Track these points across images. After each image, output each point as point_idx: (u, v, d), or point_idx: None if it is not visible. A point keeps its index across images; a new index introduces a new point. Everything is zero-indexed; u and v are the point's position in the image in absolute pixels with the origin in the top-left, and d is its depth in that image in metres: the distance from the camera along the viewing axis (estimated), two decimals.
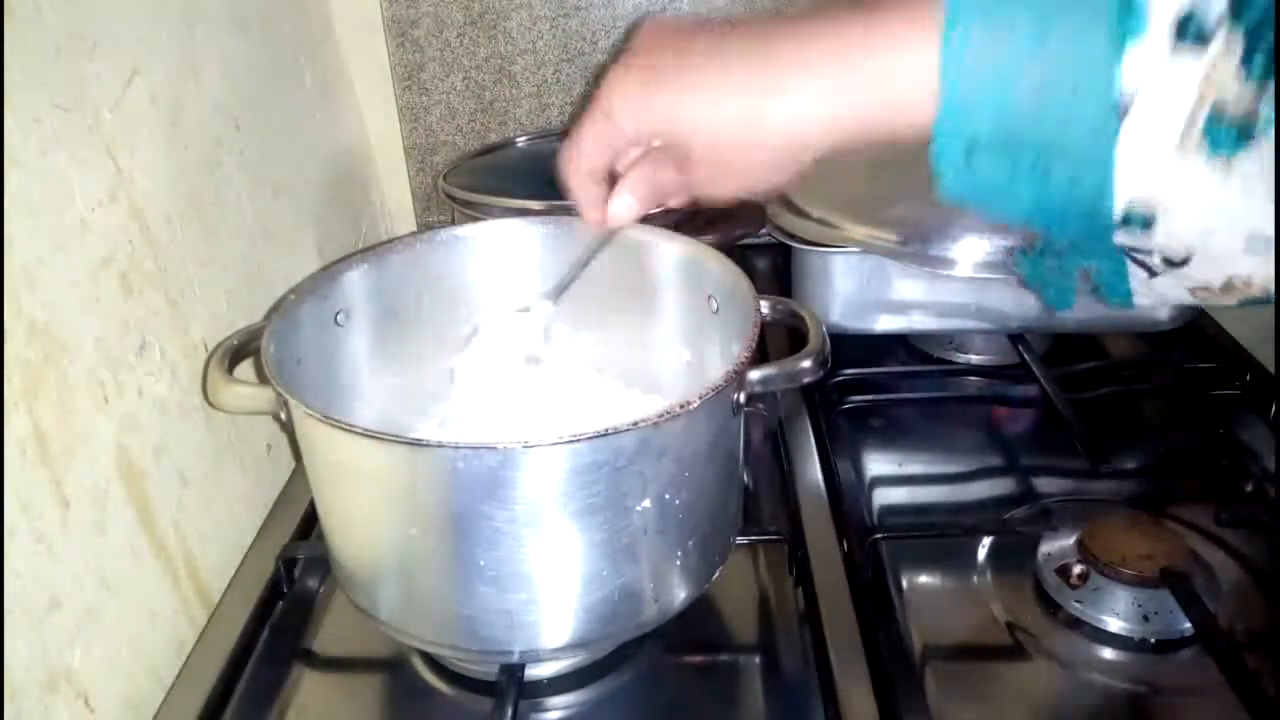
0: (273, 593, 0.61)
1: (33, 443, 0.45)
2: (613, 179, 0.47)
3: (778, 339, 0.77)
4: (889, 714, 0.51)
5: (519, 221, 0.66)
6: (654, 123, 0.41)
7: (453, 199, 0.84)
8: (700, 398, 0.46)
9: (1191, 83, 0.30)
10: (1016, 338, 0.80)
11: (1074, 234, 0.35)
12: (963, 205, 0.35)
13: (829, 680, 0.52)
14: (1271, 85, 0.29)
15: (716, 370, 0.49)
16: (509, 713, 0.49)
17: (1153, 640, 0.56)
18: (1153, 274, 0.35)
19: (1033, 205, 0.34)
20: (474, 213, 0.82)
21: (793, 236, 0.76)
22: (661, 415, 0.45)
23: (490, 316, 0.62)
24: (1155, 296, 0.36)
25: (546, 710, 0.54)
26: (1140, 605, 0.57)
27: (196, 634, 0.58)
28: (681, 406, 0.45)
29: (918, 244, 0.72)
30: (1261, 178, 0.30)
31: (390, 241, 0.62)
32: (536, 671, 0.54)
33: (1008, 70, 0.32)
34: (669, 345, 0.64)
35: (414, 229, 1.05)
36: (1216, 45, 0.29)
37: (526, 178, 0.88)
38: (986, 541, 0.64)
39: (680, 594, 0.52)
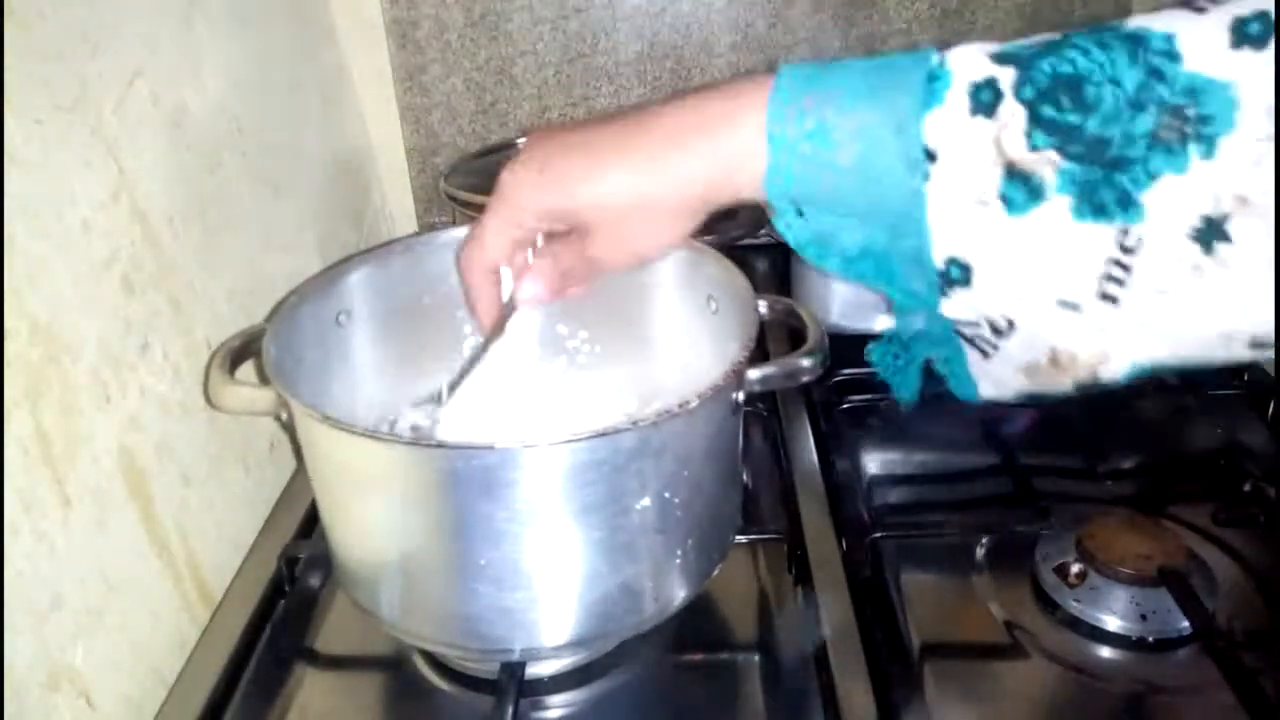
0: (275, 591, 0.61)
1: (35, 442, 0.46)
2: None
3: (778, 339, 0.78)
4: (888, 712, 0.51)
5: None
6: (553, 203, 0.43)
7: (454, 200, 0.84)
8: (699, 397, 0.46)
9: (986, 145, 0.33)
10: None
11: (905, 289, 0.38)
12: (802, 252, 0.39)
13: (828, 679, 0.52)
14: (1054, 154, 0.32)
15: (716, 370, 0.49)
16: (510, 711, 0.50)
17: (1151, 639, 0.56)
18: (985, 355, 0.38)
19: (859, 253, 0.38)
20: (475, 213, 0.81)
21: None
22: (660, 415, 0.45)
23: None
24: (996, 384, 0.39)
25: (547, 709, 0.54)
26: (1138, 604, 0.57)
27: (198, 632, 0.58)
28: (680, 406, 0.45)
29: None
30: (1057, 239, 0.33)
31: (391, 243, 0.63)
32: (537, 670, 0.55)
33: (824, 135, 0.36)
34: (669, 346, 0.64)
35: (415, 230, 1.06)
36: (1004, 113, 0.33)
37: None
38: (985, 540, 0.64)
39: (680, 592, 0.52)
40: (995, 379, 0.39)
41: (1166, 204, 0.32)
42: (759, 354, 0.51)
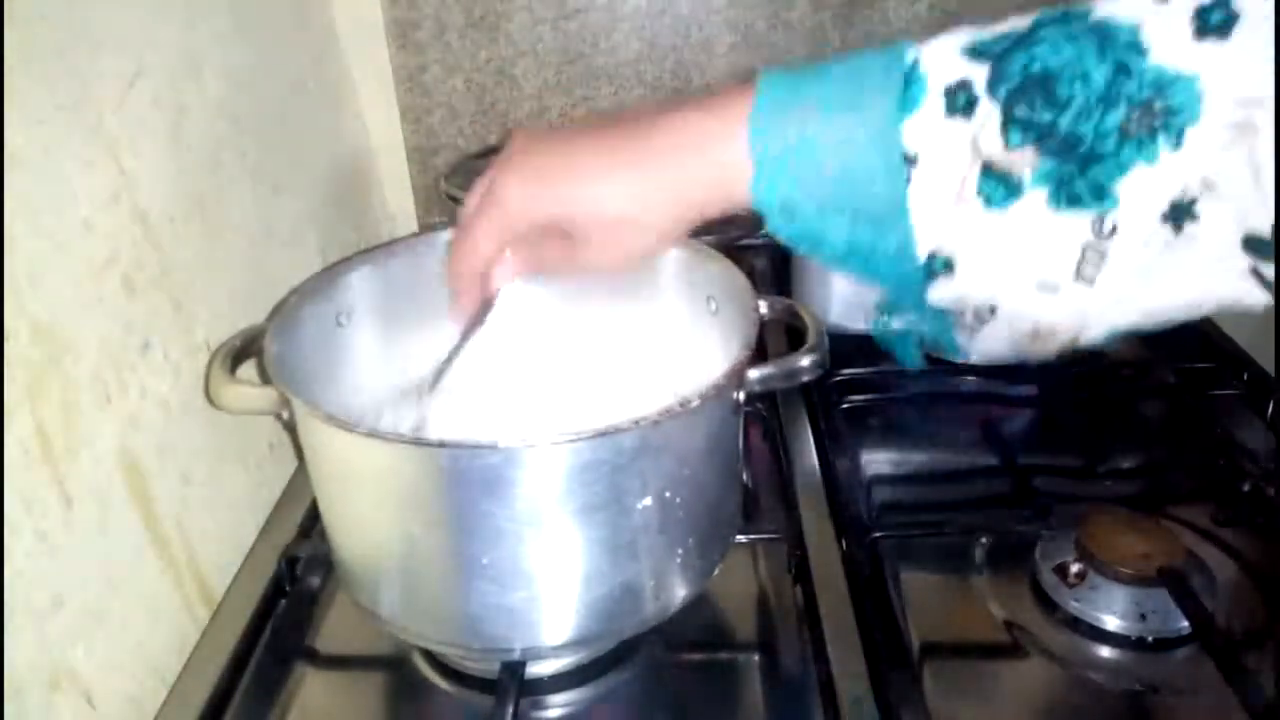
0: (275, 591, 0.61)
1: (36, 442, 0.46)
2: None
3: (778, 339, 0.78)
4: (887, 712, 0.51)
5: None
6: (547, 211, 0.44)
7: (454, 200, 0.84)
8: (701, 396, 0.46)
9: (963, 146, 0.35)
10: None
11: (892, 280, 0.39)
12: (793, 248, 0.40)
13: (828, 678, 0.52)
14: (1029, 151, 0.34)
15: (715, 370, 0.49)
16: (510, 710, 0.50)
17: (1150, 639, 0.56)
18: (973, 331, 0.40)
19: (846, 250, 0.39)
20: None
21: None
22: (662, 413, 0.45)
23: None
24: (984, 352, 0.41)
25: (547, 708, 0.54)
26: (1138, 604, 0.57)
27: (199, 632, 0.58)
28: (682, 405, 0.46)
29: None
30: (1035, 230, 0.35)
31: (391, 243, 0.63)
32: (537, 669, 0.55)
33: (807, 149, 0.37)
34: (669, 346, 0.64)
35: (415, 230, 1.06)
36: (979, 114, 0.34)
37: None
38: (985, 540, 0.64)
39: (680, 591, 0.52)
40: (983, 349, 0.41)
41: (1138, 192, 0.33)
42: (758, 354, 0.51)
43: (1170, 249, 0.34)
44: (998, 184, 0.34)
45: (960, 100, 0.35)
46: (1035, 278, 0.36)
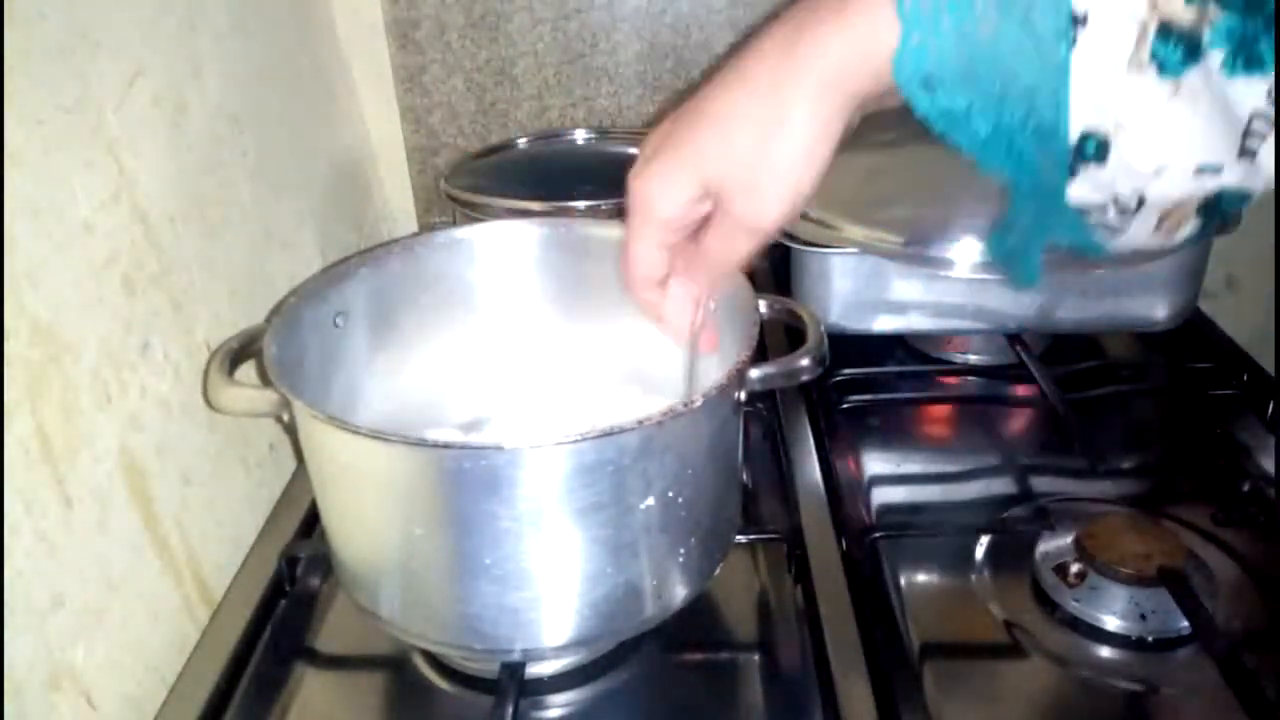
0: (275, 591, 0.61)
1: (35, 442, 0.46)
2: None
3: (778, 339, 0.78)
4: (887, 712, 0.51)
5: (518, 223, 0.66)
6: (683, 182, 0.40)
7: (454, 200, 0.84)
8: (704, 396, 0.46)
9: (1139, 3, 0.31)
10: (1014, 338, 0.81)
11: (1030, 173, 0.35)
12: (930, 126, 0.36)
13: (828, 678, 0.52)
14: (1212, 6, 0.30)
15: (713, 370, 0.49)
16: (509, 711, 0.50)
17: (1150, 639, 0.56)
18: (1114, 230, 0.36)
19: (990, 134, 0.35)
20: (475, 214, 0.82)
21: (791, 237, 0.76)
22: (665, 414, 0.45)
23: None
24: (1128, 245, 0.37)
25: (547, 708, 0.54)
26: (1138, 604, 0.57)
27: (199, 632, 0.58)
28: (685, 405, 0.45)
29: (916, 245, 0.72)
30: (1206, 99, 0.31)
31: (389, 243, 0.62)
32: (537, 669, 0.55)
33: (964, 6, 0.33)
34: (665, 345, 0.64)
35: (415, 230, 1.06)
36: None
37: (527, 179, 0.88)
38: (985, 540, 0.64)
39: (681, 591, 0.52)
40: (1127, 245, 0.37)
41: None
42: (758, 354, 0.51)
43: None
44: (1175, 46, 0.30)
45: None
46: (1197, 158, 0.32)
